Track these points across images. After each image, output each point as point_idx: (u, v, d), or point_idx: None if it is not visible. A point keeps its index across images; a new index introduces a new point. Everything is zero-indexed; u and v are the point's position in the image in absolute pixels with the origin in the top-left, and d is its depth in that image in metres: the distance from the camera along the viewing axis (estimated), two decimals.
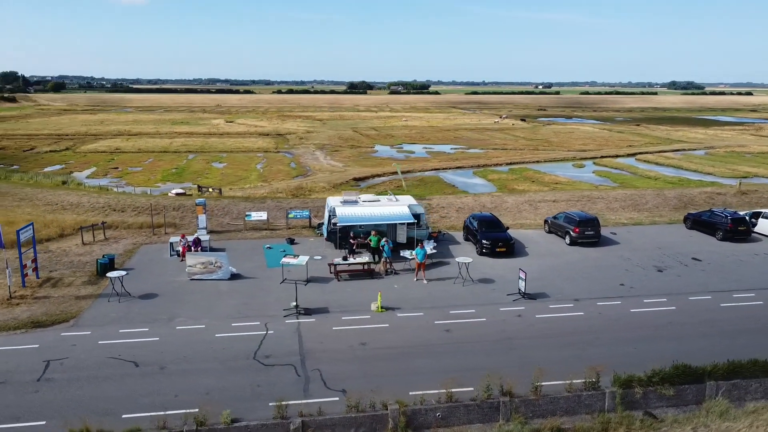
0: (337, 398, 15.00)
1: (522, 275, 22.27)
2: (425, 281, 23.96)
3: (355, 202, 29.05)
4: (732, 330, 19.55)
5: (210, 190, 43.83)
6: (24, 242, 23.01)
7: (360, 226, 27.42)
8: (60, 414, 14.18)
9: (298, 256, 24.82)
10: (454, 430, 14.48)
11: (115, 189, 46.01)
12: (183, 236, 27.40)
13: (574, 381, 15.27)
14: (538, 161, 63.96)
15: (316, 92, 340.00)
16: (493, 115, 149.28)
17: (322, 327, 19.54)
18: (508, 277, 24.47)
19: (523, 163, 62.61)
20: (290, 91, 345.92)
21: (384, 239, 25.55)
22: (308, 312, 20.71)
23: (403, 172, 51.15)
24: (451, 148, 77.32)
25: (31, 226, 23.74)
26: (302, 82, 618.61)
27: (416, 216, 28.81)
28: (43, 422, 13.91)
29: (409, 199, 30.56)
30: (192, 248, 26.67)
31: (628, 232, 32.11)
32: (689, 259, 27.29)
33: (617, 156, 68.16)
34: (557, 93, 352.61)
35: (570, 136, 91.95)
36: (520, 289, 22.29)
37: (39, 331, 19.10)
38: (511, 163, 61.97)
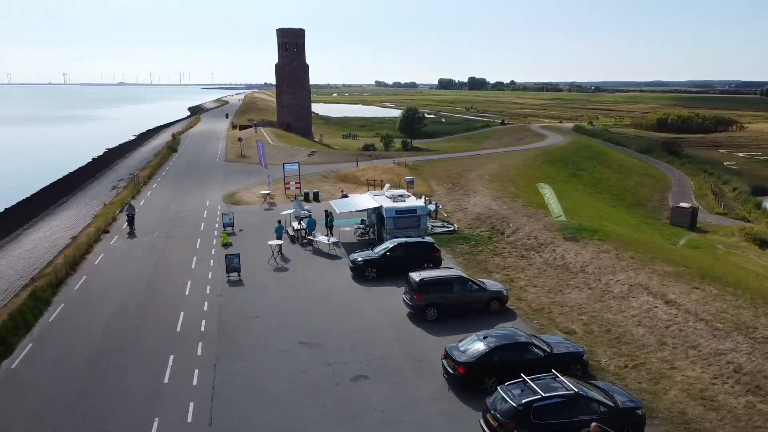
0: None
1: None
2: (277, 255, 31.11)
3: (378, 195, 33.97)
4: None
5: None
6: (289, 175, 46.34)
7: (337, 209, 33.51)
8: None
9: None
10: None
11: None
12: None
13: None
14: None
15: None
16: None
17: (171, 241, 34.44)
18: (293, 281, 27.65)
19: None
20: None
21: (305, 218, 33.53)
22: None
23: None
24: None
25: (297, 165, 46.51)
26: None
27: (382, 218, 31.27)
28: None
29: (415, 203, 32.16)
30: None
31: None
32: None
33: None
34: None
35: None
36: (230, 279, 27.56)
37: (228, 205, 43.36)
38: None
